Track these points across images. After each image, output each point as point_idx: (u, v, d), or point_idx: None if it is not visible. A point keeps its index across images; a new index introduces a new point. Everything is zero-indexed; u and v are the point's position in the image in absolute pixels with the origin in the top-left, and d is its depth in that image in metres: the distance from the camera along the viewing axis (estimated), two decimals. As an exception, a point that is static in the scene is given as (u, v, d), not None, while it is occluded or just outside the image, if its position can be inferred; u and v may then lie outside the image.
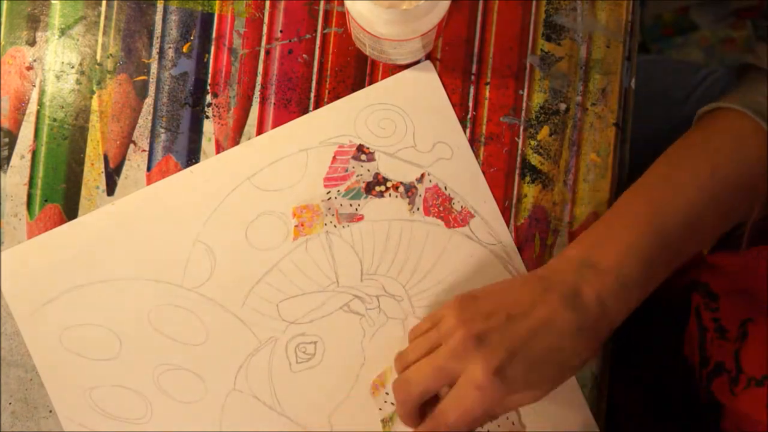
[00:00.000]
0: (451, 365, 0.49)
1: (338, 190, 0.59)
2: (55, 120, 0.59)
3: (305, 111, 0.59)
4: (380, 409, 0.58)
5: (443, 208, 0.58)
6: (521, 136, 0.59)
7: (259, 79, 0.59)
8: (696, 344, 0.59)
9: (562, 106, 0.59)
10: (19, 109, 0.59)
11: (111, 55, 0.59)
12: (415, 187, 0.59)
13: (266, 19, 0.59)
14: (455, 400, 0.49)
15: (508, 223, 0.59)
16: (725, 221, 0.54)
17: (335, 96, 0.59)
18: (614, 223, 0.52)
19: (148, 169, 0.59)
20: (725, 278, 0.59)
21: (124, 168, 0.59)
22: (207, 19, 0.59)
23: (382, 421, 0.58)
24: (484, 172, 0.59)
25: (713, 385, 0.56)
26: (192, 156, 0.59)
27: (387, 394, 0.58)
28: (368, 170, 0.59)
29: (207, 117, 0.59)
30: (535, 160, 0.59)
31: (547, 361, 0.49)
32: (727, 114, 0.54)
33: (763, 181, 0.53)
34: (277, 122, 0.59)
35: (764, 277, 0.56)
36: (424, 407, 0.52)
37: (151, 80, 0.59)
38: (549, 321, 0.49)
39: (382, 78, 0.59)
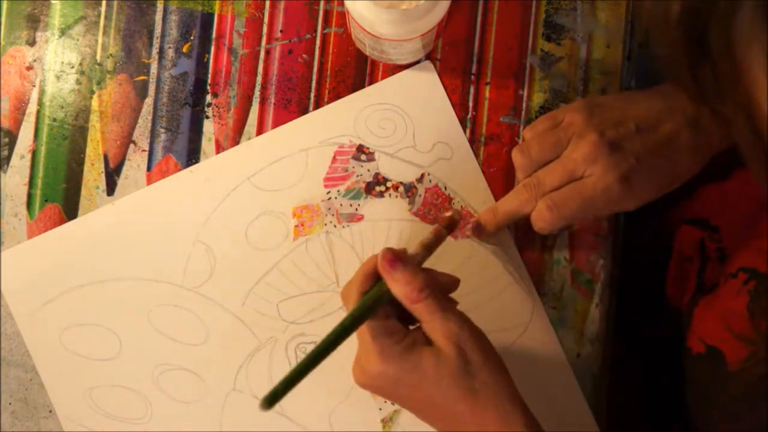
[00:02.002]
0: (582, 168, 0.51)
1: (338, 190, 0.59)
2: (55, 120, 0.59)
3: (305, 111, 0.59)
4: (380, 409, 0.58)
5: (443, 209, 0.58)
6: (521, 136, 0.59)
7: (259, 79, 0.59)
8: (694, 274, 0.60)
9: (562, 106, 0.59)
10: (19, 109, 0.59)
11: (111, 55, 0.59)
12: (415, 187, 0.58)
13: (266, 19, 0.59)
14: (578, 192, 0.51)
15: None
16: None
17: (335, 96, 0.59)
18: None
19: (148, 169, 0.59)
20: (721, 208, 0.60)
21: (124, 168, 0.59)
22: (207, 19, 0.59)
23: (382, 421, 0.58)
24: (484, 172, 0.59)
25: (699, 306, 0.58)
26: (192, 156, 0.59)
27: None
28: (368, 170, 0.59)
29: (207, 117, 0.59)
30: (535, 160, 0.59)
31: (663, 173, 0.52)
32: None
33: None
34: (277, 122, 0.59)
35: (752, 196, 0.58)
36: None
37: (151, 80, 0.59)
38: (673, 138, 0.52)
39: (382, 78, 0.59)
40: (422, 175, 0.59)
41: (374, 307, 0.49)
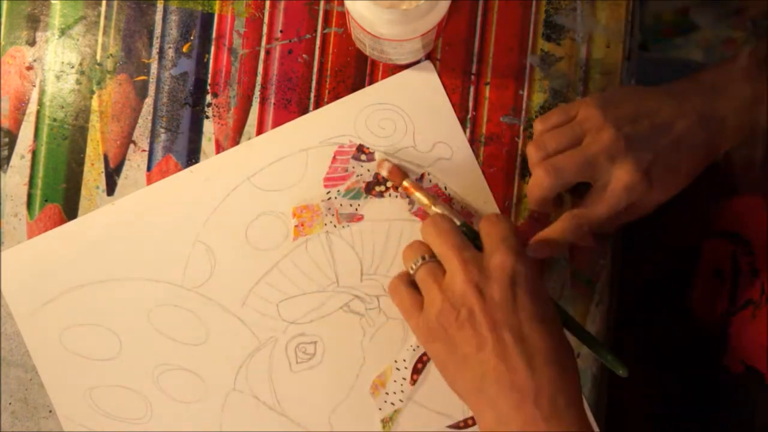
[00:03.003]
0: (601, 161, 0.51)
1: (338, 190, 0.59)
2: (55, 120, 0.59)
3: (305, 111, 0.59)
4: (380, 409, 0.58)
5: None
6: (521, 136, 0.59)
7: (259, 79, 0.59)
8: (726, 288, 0.60)
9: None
10: (19, 109, 0.59)
11: (111, 55, 0.59)
12: (415, 187, 0.58)
13: (266, 19, 0.59)
14: (602, 196, 0.52)
15: (508, 223, 0.59)
16: None
17: (335, 96, 0.59)
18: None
19: (148, 169, 0.59)
20: (752, 223, 0.60)
21: (124, 168, 0.59)
22: (207, 19, 0.59)
23: (382, 421, 0.58)
24: (484, 172, 0.59)
25: (733, 321, 0.57)
26: (192, 156, 0.59)
27: (387, 394, 0.58)
28: (368, 170, 0.59)
29: (207, 117, 0.59)
30: (535, 160, 0.59)
31: (679, 169, 0.52)
32: None
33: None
34: (277, 122, 0.59)
35: None
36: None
37: (151, 80, 0.59)
38: (687, 136, 0.52)
39: (382, 78, 0.59)
40: (422, 175, 0.59)
41: None
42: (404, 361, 0.58)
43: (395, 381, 0.58)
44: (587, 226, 0.52)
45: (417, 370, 0.58)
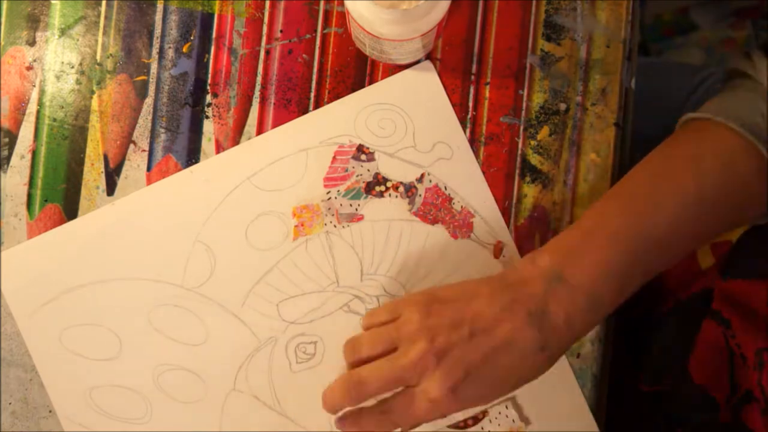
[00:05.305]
0: (408, 375, 0.48)
1: (338, 190, 0.59)
2: (55, 120, 0.59)
3: (305, 111, 0.59)
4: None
5: (443, 209, 0.58)
6: (521, 136, 0.59)
7: (259, 79, 0.59)
8: (725, 372, 0.57)
9: (562, 106, 0.59)
10: (19, 109, 0.59)
11: (111, 55, 0.59)
12: (415, 187, 0.59)
13: (266, 19, 0.59)
14: (405, 405, 0.49)
15: (508, 223, 0.59)
16: (702, 240, 0.53)
17: (335, 96, 0.59)
18: (592, 234, 0.50)
19: (148, 169, 0.59)
20: (733, 305, 0.57)
21: (124, 168, 0.59)
22: (207, 19, 0.59)
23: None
24: (484, 172, 0.59)
25: (743, 413, 0.55)
26: (192, 156, 0.59)
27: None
28: (368, 170, 0.59)
29: (207, 117, 0.59)
30: (535, 160, 0.59)
31: (503, 378, 0.49)
32: (718, 128, 0.52)
33: (750, 201, 0.52)
34: (277, 122, 0.59)
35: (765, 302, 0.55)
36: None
37: (151, 80, 0.59)
38: (512, 340, 0.48)
39: (382, 78, 0.59)
40: (422, 175, 0.59)
41: None
42: None
43: None
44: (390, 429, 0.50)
45: None
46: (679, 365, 0.60)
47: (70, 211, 0.59)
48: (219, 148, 0.59)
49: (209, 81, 0.59)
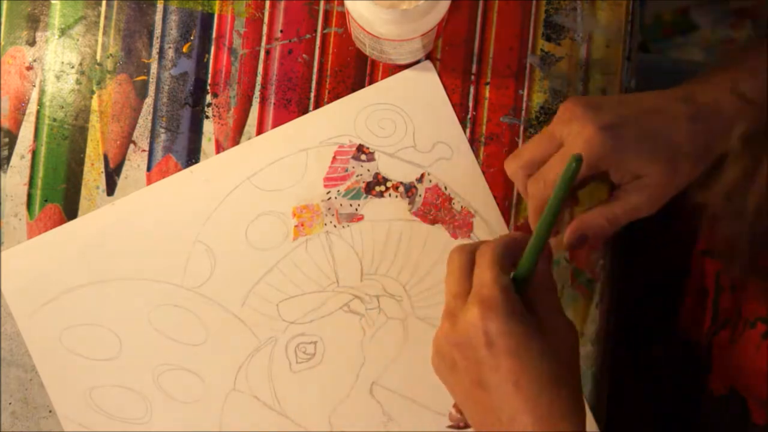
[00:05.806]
0: (555, 128, 0.51)
1: (338, 190, 0.59)
2: (55, 120, 0.59)
3: (305, 111, 0.59)
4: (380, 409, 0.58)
5: (443, 209, 0.58)
6: (521, 136, 0.59)
7: (259, 79, 0.59)
8: (709, 303, 0.58)
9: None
10: (19, 109, 0.59)
11: (111, 55, 0.59)
12: (415, 187, 0.59)
13: (266, 19, 0.59)
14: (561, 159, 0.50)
15: (508, 223, 0.59)
16: None
17: (335, 96, 0.59)
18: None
19: (148, 169, 0.59)
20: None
21: (124, 168, 0.59)
22: (207, 19, 0.59)
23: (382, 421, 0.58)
24: (484, 172, 0.59)
25: (715, 341, 0.56)
26: (192, 156, 0.59)
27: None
28: (368, 170, 0.59)
29: (207, 117, 0.59)
30: (535, 160, 0.59)
31: (658, 136, 0.49)
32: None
33: None
34: (277, 122, 0.59)
35: None
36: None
37: (151, 80, 0.59)
38: (659, 108, 0.50)
39: (382, 78, 0.59)
40: (422, 175, 0.59)
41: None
42: None
43: None
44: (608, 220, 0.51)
45: None
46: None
47: (70, 211, 0.59)
48: (219, 148, 0.59)
49: (209, 81, 0.59)
